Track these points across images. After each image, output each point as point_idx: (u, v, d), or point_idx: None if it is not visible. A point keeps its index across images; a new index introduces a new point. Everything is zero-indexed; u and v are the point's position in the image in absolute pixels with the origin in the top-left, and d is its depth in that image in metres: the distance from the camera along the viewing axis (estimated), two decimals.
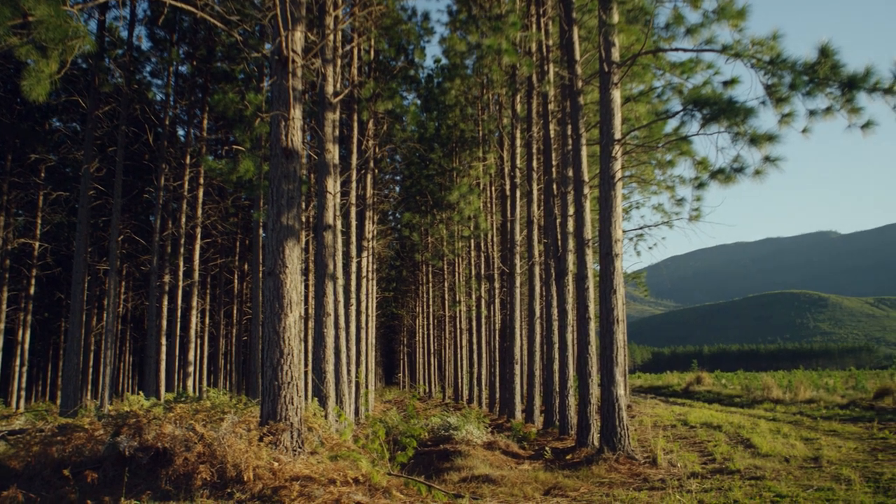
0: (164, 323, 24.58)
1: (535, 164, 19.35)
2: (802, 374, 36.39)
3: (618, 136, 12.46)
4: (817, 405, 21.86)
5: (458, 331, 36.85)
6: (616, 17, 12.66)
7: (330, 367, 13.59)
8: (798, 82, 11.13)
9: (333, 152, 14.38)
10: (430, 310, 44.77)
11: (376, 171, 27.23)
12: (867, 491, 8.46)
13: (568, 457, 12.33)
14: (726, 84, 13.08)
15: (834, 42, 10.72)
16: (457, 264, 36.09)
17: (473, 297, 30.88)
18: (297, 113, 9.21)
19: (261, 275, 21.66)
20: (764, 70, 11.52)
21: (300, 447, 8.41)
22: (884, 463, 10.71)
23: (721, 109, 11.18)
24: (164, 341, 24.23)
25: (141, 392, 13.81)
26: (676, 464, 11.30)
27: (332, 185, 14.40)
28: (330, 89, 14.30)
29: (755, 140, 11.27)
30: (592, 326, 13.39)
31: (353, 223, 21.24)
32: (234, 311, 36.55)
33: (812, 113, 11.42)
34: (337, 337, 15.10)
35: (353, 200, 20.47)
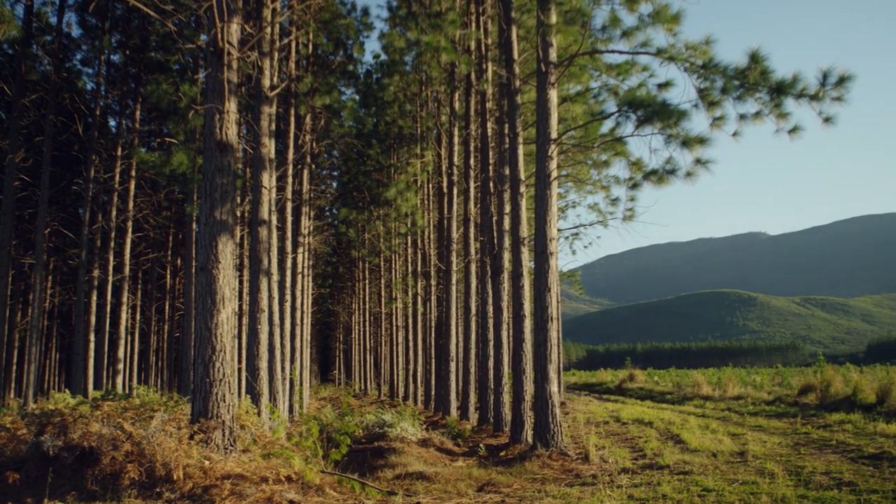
0: (93, 319, 23.94)
1: (472, 161, 19.43)
2: (731, 372, 37.36)
3: (554, 135, 12.58)
4: (745, 401, 22.42)
5: (395, 328, 36.79)
6: (554, 18, 12.76)
7: (264, 364, 13.44)
8: (729, 87, 11.40)
9: (269, 147, 14.22)
10: (367, 307, 44.63)
11: (313, 166, 26.97)
12: (789, 484, 8.72)
13: (502, 453, 12.41)
14: (661, 87, 13.30)
15: (763, 48, 11.00)
16: (393, 261, 36.03)
17: (410, 294, 30.86)
18: (232, 106, 9.07)
19: (193, 270, 21.28)
20: (697, 74, 11.76)
21: (232, 445, 8.30)
22: (805, 457, 11.05)
23: (655, 111, 11.37)
24: (92, 337, 23.62)
25: (67, 390, 13.44)
26: (608, 460, 11.48)
27: (268, 179, 14.23)
28: (266, 83, 14.13)
29: (687, 142, 11.50)
30: (527, 324, 13.49)
31: (289, 219, 21.03)
32: (167, 307, 35.86)
33: (742, 117, 11.71)
34: (271, 333, 14.93)
35: (289, 196, 20.26)
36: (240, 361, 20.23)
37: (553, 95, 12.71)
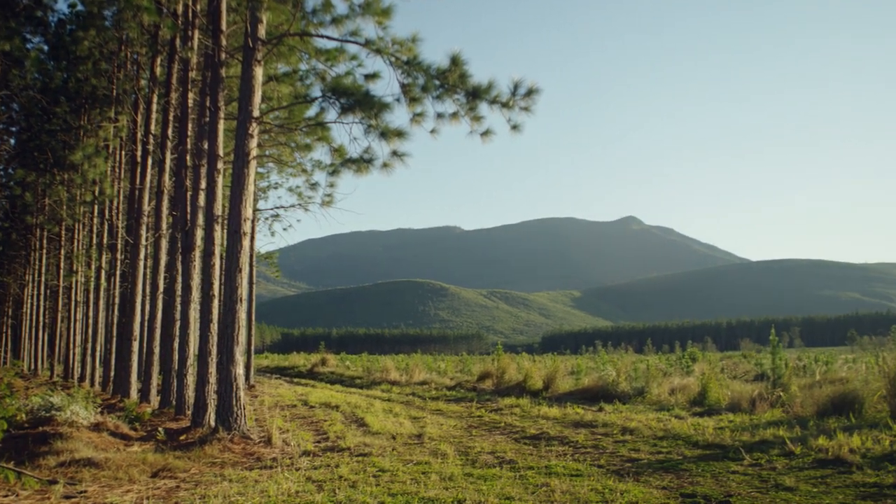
0: None
1: (170, 132, 18.47)
2: (419, 358, 39.01)
3: (257, 113, 12.32)
4: (429, 387, 23.53)
5: (74, 303, 34.03)
6: None
7: None
8: (430, 85, 11.89)
9: None
10: (43, 279, 40.83)
11: None
12: (458, 463, 9.30)
13: (182, 437, 11.96)
14: (368, 77, 13.52)
15: (465, 54, 11.61)
16: (77, 231, 33.29)
17: (93, 267, 28.74)
18: None
19: None
20: (402, 69, 12.13)
21: None
22: (476, 438, 11.86)
23: (358, 101, 11.55)
24: None
25: None
26: (291, 443, 11.51)
27: None
28: None
29: (385, 134, 11.82)
30: (216, 304, 13.11)
31: None
32: None
33: (440, 115, 12.29)
34: None
35: None
36: None
37: (259, 73, 12.45)
